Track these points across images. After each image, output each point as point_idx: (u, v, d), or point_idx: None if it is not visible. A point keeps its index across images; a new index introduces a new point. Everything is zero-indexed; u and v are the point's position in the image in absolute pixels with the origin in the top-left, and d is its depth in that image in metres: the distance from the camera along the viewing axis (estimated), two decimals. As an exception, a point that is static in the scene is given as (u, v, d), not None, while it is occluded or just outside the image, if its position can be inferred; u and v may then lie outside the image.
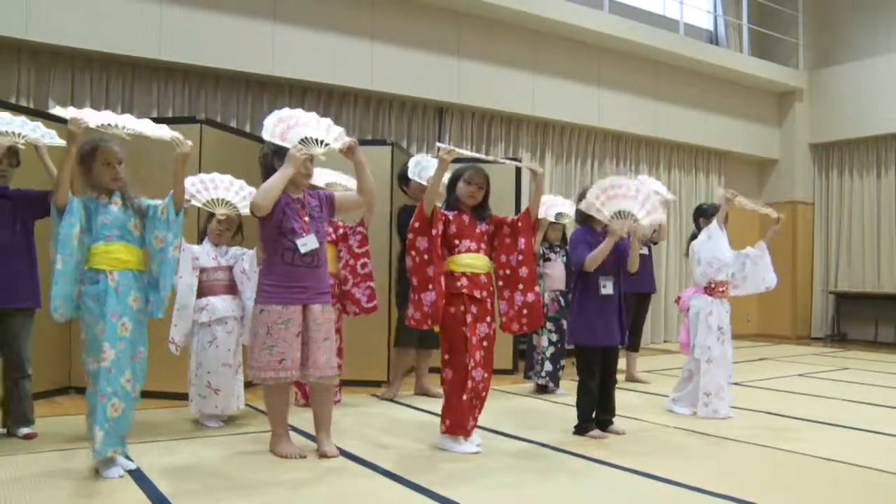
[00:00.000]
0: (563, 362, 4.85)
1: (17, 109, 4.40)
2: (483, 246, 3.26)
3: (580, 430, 3.52)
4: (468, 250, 3.20)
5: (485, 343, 3.18)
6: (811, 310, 9.51)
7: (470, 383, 3.11)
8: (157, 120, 5.22)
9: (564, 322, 4.76)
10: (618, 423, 3.61)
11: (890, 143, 8.93)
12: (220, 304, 3.59)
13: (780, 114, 9.66)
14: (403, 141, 6.70)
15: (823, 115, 9.39)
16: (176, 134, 2.85)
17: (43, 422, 3.48)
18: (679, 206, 8.83)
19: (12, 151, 3.18)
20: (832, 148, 9.49)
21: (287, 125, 2.95)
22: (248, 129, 5.91)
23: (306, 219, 2.97)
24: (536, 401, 4.55)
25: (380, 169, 5.07)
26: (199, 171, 4.37)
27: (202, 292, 3.57)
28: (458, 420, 3.14)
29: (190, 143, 2.86)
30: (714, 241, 3.96)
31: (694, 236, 4.26)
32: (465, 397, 3.11)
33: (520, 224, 3.29)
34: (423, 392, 4.60)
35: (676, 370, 6.04)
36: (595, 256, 3.41)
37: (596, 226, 3.55)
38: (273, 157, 2.97)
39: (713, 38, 9.36)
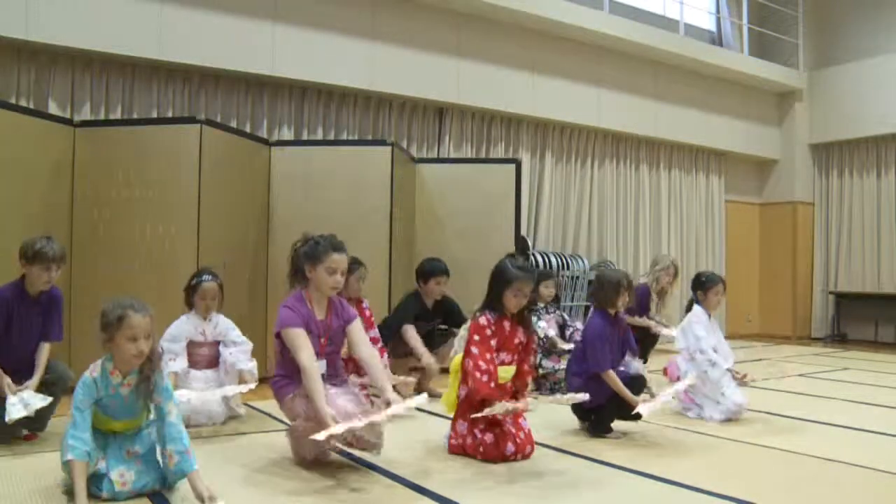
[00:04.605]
0: None
1: (17, 109, 4.42)
2: (516, 356, 3.12)
3: (604, 430, 3.49)
4: (502, 363, 3.06)
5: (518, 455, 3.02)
6: (811, 310, 9.50)
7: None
8: (157, 120, 5.27)
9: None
10: (616, 426, 3.60)
11: (890, 143, 8.92)
12: (202, 376, 3.64)
13: (780, 114, 9.66)
14: (403, 141, 6.70)
15: (823, 116, 9.39)
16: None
17: (43, 422, 3.48)
18: (679, 206, 8.83)
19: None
20: (832, 148, 9.48)
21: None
22: (248, 129, 5.91)
23: (323, 340, 2.88)
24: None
25: (380, 169, 5.09)
26: (200, 172, 4.42)
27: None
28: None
29: None
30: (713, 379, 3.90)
31: (691, 304, 4.21)
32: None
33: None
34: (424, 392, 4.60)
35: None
36: (613, 384, 3.37)
37: (612, 309, 3.55)
38: (303, 259, 2.87)
39: (713, 39, 9.35)
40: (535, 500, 2.54)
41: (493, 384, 2.97)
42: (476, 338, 3.02)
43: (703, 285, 4.16)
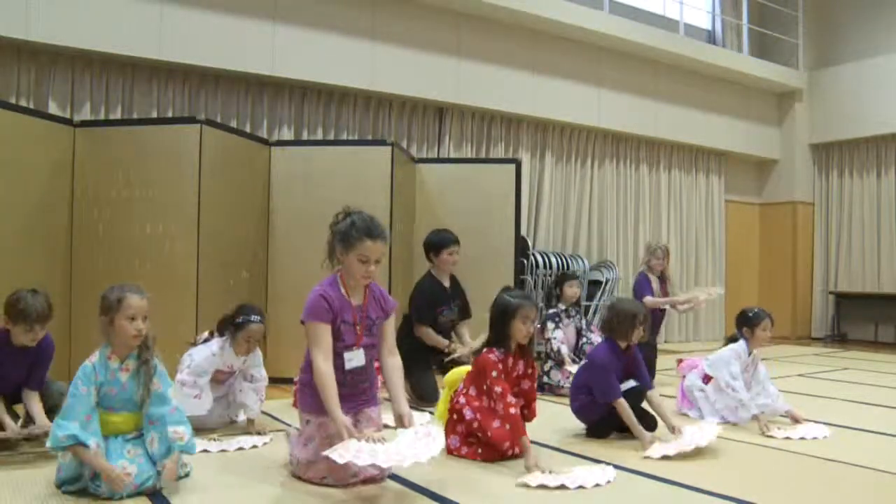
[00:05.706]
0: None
1: (17, 109, 4.42)
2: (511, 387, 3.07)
3: (600, 432, 3.49)
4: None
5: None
6: (811, 310, 9.51)
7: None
8: (157, 120, 5.28)
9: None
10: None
11: (890, 143, 8.93)
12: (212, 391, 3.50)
13: (780, 114, 9.67)
14: (403, 141, 6.70)
15: (823, 116, 9.39)
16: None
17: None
18: (679, 206, 8.83)
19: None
20: (832, 148, 9.48)
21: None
22: (248, 129, 5.91)
23: (359, 329, 2.70)
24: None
25: (380, 169, 5.09)
26: (200, 172, 4.42)
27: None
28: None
29: None
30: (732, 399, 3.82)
31: (734, 339, 4.03)
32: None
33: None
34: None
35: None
36: (624, 415, 3.30)
37: (623, 342, 3.46)
38: (336, 240, 2.66)
39: (713, 38, 9.36)
40: (535, 500, 2.54)
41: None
42: (493, 374, 2.97)
43: (749, 321, 3.91)
